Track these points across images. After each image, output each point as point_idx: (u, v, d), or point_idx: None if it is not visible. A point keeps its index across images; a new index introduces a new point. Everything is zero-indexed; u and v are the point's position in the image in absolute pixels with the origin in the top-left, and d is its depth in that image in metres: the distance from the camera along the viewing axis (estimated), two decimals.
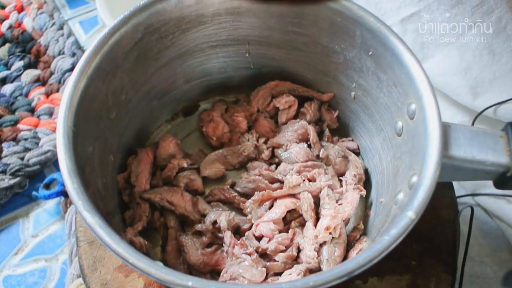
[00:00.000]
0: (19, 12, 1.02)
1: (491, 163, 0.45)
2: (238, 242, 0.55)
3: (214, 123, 0.66)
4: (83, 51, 0.92)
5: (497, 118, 0.66)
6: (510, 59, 0.62)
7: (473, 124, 0.69)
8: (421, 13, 0.70)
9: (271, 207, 0.59)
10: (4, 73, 0.91)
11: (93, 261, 0.55)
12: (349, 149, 0.65)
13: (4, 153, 0.78)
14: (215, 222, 0.57)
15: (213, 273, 0.56)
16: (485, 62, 0.63)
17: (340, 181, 0.62)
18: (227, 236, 0.55)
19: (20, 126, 0.82)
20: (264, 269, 0.52)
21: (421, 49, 0.72)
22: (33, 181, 0.78)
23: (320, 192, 0.58)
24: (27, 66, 0.92)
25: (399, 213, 0.42)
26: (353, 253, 0.54)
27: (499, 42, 0.61)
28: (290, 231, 0.56)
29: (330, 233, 0.54)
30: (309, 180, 0.59)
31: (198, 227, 0.58)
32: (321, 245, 0.54)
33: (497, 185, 0.48)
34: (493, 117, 0.66)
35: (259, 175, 0.62)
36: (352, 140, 0.66)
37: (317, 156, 0.64)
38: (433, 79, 0.46)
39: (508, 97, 0.63)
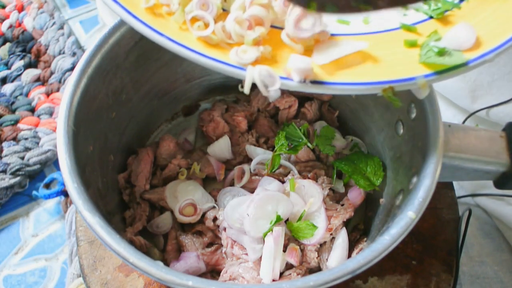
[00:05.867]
0: (19, 12, 1.02)
1: (491, 162, 0.45)
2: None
3: (214, 122, 0.66)
4: (83, 51, 0.92)
5: (489, 119, 0.66)
6: (508, 61, 0.61)
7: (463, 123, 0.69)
8: None
9: None
10: (5, 72, 0.91)
11: (93, 261, 0.55)
12: None
13: (4, 153, 0.78)
14: (215, 219, 0.57)
15: (213, 272, 0.56)
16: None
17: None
18: (224, 237, 0.55)
19: (20, 125, 0.82)
20: None
21: None
22: (34, 180, 0.78)
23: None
24: (27, 66, 0.92)
25: (399, 213, 0.42)
26: (353, 253, 0.54)
27: None
28: None
29: (331, 234, 0.54)
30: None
31: (199, 227, 0.58)
32: (321, 245, 0.54)
33: (497, 185, 0.48)
34: (487, 119, 0.67)
35: (259, 175, 0.62)
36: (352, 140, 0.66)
37: (318, 156, 0.64)
38: None
39: (506, 99, 0.63)
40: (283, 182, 0.60)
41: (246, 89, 0.36)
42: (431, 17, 0.42)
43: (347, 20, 0.43)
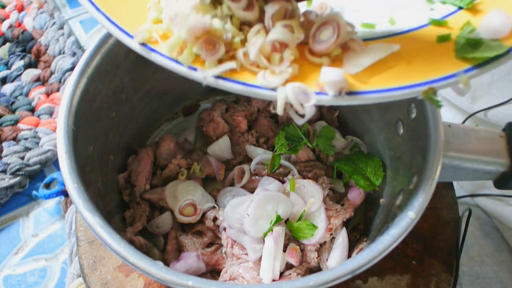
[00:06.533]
0: (19, 12, 1.02)
1: (491, 162, 0.45)
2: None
3: (214, 122, 0.66)
4: (83, 51, 0.92)
5: (488, 120, 0.66)
6: (508, 62, 0.62)
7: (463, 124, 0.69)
8: None
9: None
10: (5, 72, 0.91)
11: (93, 261, 0.55)
12: None
13: (4, 153, 0.78)
14: (215, 219, 0.57)
15: (213, 272, 0.56)
16: None
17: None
18: (224, 237, 0.55)
19: (20, 125, 0.82)
20: None
21: None
22: (34, 180, 0.78)
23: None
24: (27, 66, 0.92)
25: (399, 213, 0.42)
26: (353, 253, 0.54)
27: None
28: None
29: (331, 234, 0.54)
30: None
31: (199, 227, 0.58)
32: (321, 245, 0.54)
33: (497, 185, 0.48)
34: (486, 120, 0.67)
35: (259, 175, 0.62)
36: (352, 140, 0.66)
37: (318, 156, 0.64)
38: None
39: (505, 99, 0.63)
40: (283, 182, 0.60)
41: (279, 111, 0.33)
42: (460, 8, 0.39)
43: (372, 23, 0.41)
